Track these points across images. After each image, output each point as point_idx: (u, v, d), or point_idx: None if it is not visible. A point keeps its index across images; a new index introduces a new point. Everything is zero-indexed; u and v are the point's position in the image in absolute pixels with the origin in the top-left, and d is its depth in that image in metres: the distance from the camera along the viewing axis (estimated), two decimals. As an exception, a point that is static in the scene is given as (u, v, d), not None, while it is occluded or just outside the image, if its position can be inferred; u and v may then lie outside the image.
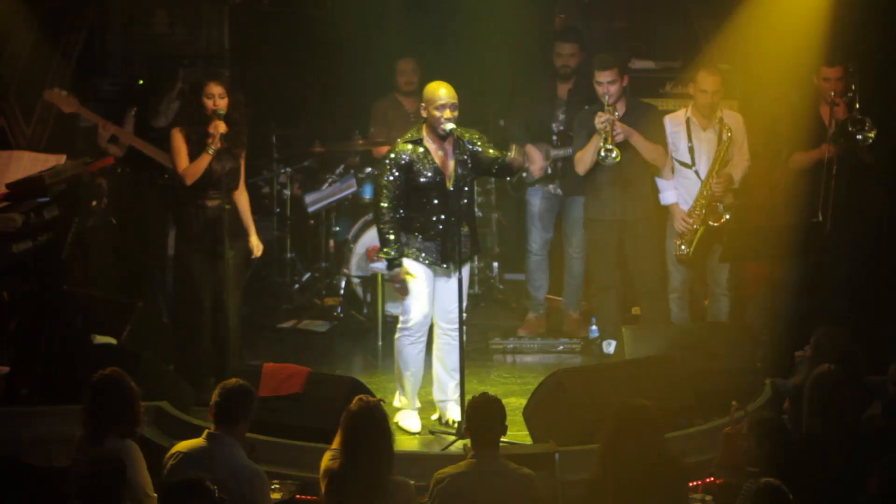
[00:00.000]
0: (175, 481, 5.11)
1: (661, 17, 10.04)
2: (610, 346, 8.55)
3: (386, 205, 7.23)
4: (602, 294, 8.68)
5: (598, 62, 8.23)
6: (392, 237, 7.22)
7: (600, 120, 8.08)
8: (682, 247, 8.31)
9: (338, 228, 10.01)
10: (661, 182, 8.41)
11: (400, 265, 7.24)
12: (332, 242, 9.99)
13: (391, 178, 7.22)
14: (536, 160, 8.95)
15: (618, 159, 8.04)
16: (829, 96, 8.12)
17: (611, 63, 8.17)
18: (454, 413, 7.33)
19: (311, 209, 9.93)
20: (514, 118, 9.22)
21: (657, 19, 10.07)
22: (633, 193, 8.35)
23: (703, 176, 8.29)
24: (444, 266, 7.28)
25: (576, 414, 6.90)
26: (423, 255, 7.28)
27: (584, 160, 8.28)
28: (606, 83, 8.13)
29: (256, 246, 8.06)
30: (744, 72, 9.28)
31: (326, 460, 5.54)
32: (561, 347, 8.96)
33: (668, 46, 9.95)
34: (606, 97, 8.12)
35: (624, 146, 8.13)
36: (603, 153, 8.04)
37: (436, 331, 7.43)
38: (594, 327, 8.96)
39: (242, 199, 8.04)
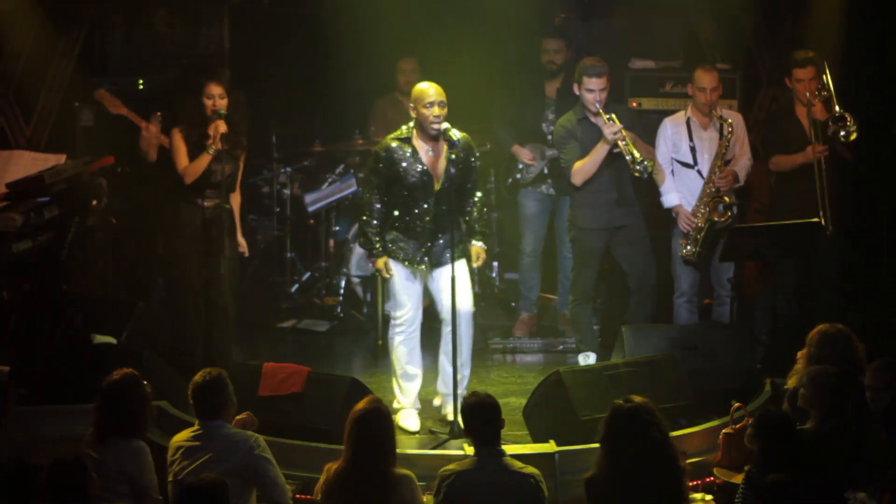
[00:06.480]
0: (195, 483, 5.11)
1: (661, 17, 10.02)
2: (589, 359, 8.22)
3: (369, 196, 7.33)
4: (580, 306, 8.33)
5: (589, 69, 7.89)
6: (373, 230, 7.31)
7: (612, 131, 7.79)
8: (688, 247, 8.23)
9: (338, 228, 10.01)
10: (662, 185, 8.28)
11: (379, 255, 7.34)
12: (332, 242, 9.99)
13: (375, 170, 7.29)
14: (525, 161, 8.94)
15: (650, 166, 7.82)
16: (805, 97, 8.14)
17: (603, 70, 7.87)
18: (450, 409, 7.30)
19: (311, 209, 9.93)
20: (499, 119, 9.17)
21: (657, 19, 10.06)
22: (622, 200, 8.09)
23: (704, 175, 8.23)
24: (424, 266, 7.32)
25: (576, 414, 6.90)
26: (402, 254, 7.32)
27: (584, 170, 7.95)
28: (598, 91, 7.86)
29: (241, 244, 8.18)
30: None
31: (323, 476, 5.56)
32: (561, 347, 8.95)
33: (668, 46, 9.94)
34: (597, 104, 7.86)
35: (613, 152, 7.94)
36: (639, 168, 7.74)
37: (442, 327, 7.44)
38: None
39: (236, 200, 8.11)
